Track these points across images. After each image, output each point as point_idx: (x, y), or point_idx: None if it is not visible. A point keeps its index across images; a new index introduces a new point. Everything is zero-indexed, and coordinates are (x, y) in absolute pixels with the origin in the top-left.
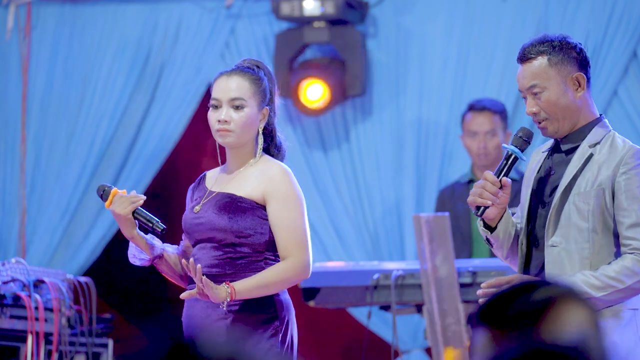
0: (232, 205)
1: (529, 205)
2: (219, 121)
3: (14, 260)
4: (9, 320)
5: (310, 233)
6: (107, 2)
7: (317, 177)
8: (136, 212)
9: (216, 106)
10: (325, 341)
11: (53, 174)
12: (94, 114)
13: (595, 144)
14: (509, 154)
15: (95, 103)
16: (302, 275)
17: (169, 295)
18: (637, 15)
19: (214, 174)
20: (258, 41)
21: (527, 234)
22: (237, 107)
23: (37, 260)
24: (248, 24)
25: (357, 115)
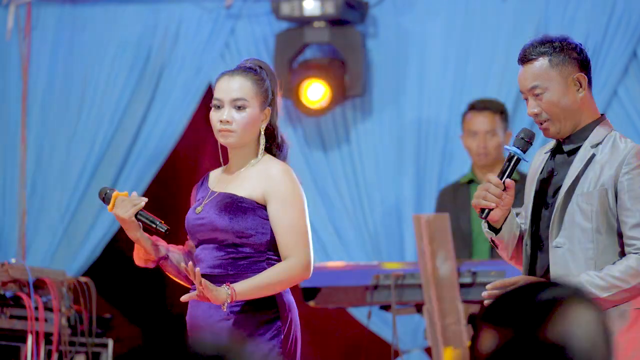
0: (233, 205)
1: (532, 207)
2: (221, 121)
3: (14, 260)
4: (9, 320)
5: (311, 233)
6: (107, 2)
7: (317, 177)
8: (139, 214)
9: (218, 106)
10: (325, 341)
11: (53, 174)
12: (94, 114)
13: (597, 144)
14: (511, 155)
15: (95, 103)
16: (303, 275)
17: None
18: (637, 15)
19: (217, 174)
20: (258, 41)
21: (531, 235)
22: (239, 107)
23: (37, 260)
24: (248, 24)
25: (357, 116)
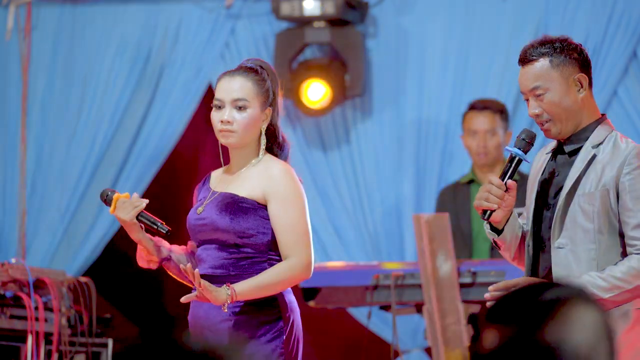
0: (233, 205)
1: (534, 208)
2: (222, 122)
3: (14, 260)
4: (9, 320)
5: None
6: (107, 2)
7: (317, 177)
8: (140, 216)
9: (219, 106)
10: (325, 341)
11: (53, 174)
12: (94, 114)
13: (598, 145)
14: (513, 156)
15: (95, 103)
16: (303, 274)
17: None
18: (637, 15)
19: (218, 174)
20: (258, 41)
21: (533, 236)
22: (239, 107)
23: (37, 260)
24: (248, 24)
25: (357, 116)
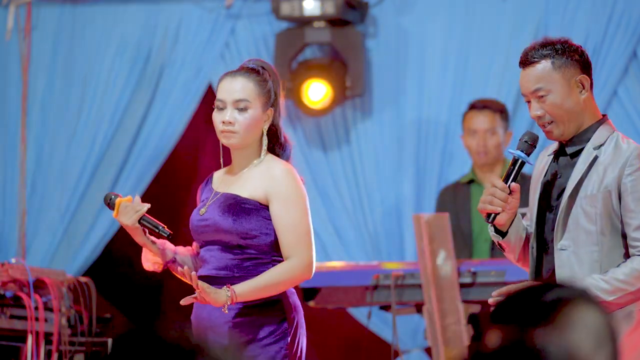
0: (236, 206)
1: (537, 210)
2: (224, 122)
3: (14, 260)
4: (9, 320)
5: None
6: (107, 2)
7: (317, 177)
8: (142, 220)
9: (221, 107)
10: (325, 341)
11: (53, 174)
12: (94, 114)
13: (599, 146)
14: (516, 159)
15: (95, 103)
16: (304, 275)
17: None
18: (637, 15)
19: (220, 175)
20: (258, 41)
21: (537, 238)
22: (241, 108)
23: (37, 260)
24: (248, 24)
25: (357, 116)
